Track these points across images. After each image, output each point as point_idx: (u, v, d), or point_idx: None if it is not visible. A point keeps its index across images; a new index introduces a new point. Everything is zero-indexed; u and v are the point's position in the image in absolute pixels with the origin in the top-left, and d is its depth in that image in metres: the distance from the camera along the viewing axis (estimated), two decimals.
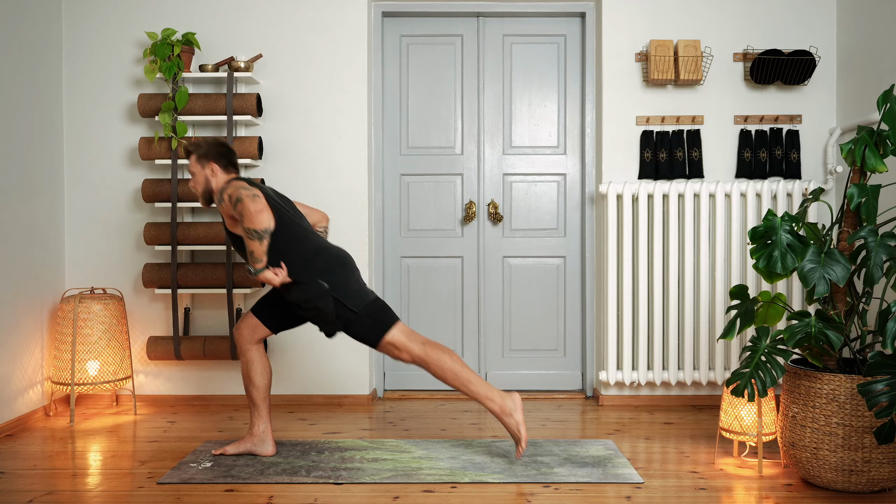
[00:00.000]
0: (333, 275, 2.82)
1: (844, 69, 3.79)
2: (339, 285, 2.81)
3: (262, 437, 2.96)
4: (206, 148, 2.93)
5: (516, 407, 2.82)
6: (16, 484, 2.68)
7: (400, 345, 2.85)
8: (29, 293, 3.57)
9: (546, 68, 4.08)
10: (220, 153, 2.93)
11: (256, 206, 2.66)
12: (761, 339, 2.63)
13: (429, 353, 2.84)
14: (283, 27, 3.88)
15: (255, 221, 2.66)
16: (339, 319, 2.83)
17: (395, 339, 2.85)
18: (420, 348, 2.84)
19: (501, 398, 2.82)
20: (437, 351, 2.85)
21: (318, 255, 2.83)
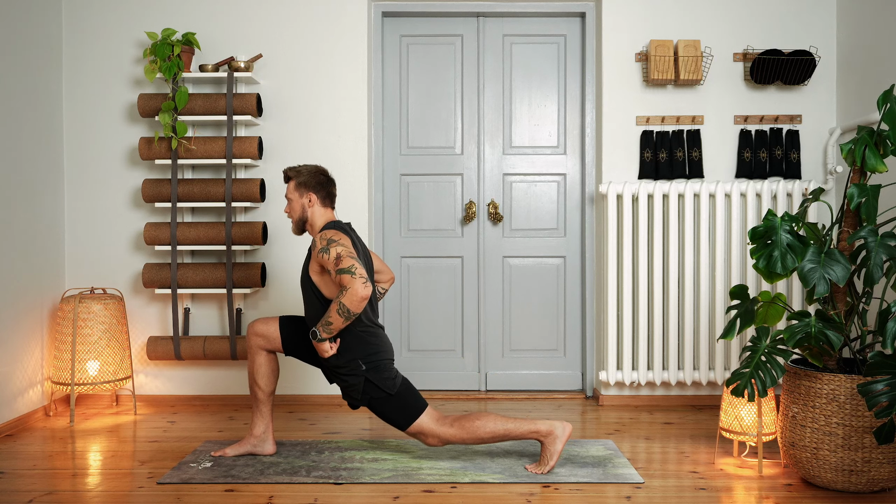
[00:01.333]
0: (374, 358, 2.79)
1: (844, 69, 3.79)
2: (377, 369, 2.79)
3: (262, 438, 2.95)
4: (306, 176, 2.86)
5: (563, 435, 2.76)
6: (16, 484, 2.68)
7: (429, 431, 2.80)
8: (29, 293, 3.57)
9: (546, 68, 4.08)
10: (319, 183, 2.87)
11: (364, 293, 2.59)
12: (761, 339, 2.63)
13: (464, 428, 2.78)
14: (283, 27, 3.88)
15: (355, 306, 2.60)
16: (365, 396, 2.80)
17: (425, 426, 2.80)
18: (449, 431, 2.78)
19: (549, 424, 2.77)
20: (469, 422, 2.79)
21: (369, 339, 2.79)
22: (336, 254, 2.65)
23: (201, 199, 3.72)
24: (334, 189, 2.93)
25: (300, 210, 2.88)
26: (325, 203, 2.89)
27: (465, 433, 2.77)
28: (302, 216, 2.89)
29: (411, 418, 2.79)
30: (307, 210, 2.88)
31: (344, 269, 2.61)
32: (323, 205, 2.89)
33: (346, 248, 2.67)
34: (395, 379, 2.82)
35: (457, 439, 2.79)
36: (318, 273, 2.77)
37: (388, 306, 4.11)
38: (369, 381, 2.77)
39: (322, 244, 2.70)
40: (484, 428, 2.77)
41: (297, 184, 2.87)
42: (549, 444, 2.75)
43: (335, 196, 2.94)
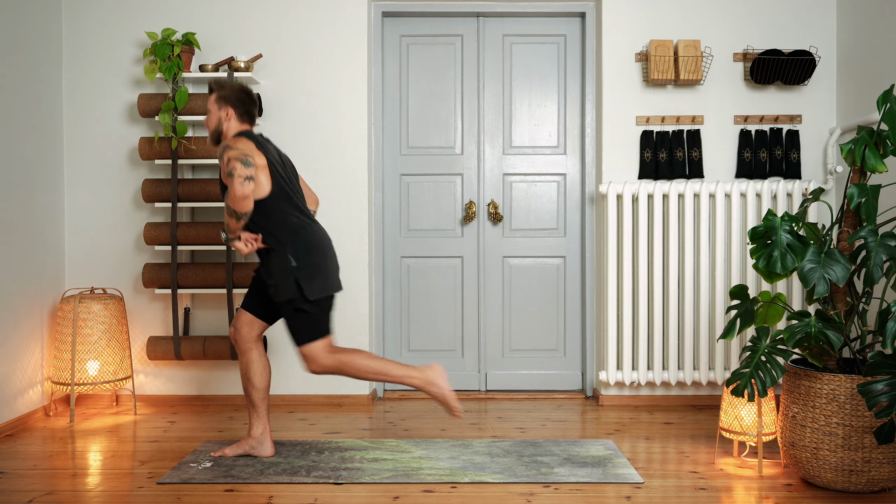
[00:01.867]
0: (304, 255, 2.81)
1: (844, 69, 3.79)
2: (306, 266, 2.80)
3: (259, 439, 2.95)
4: (227, 91, 2.92)
5: (438, 375, 2.89)
6: (16, 484, 2.68)
7: (315, 357, 2.86)
8: (29, 293, 3.57)
9: (546, 68, 4.08)
10: (239, 99, 2.92)
11: (244, 191, 2.67)
12: (761, 339, 2.63)
13: (341, 360, 2.86)
14: (283, 27, 3.88)
15: (238, 205, 2.69)
16: (294, 301, 2.81)
17: (315, 351, 2.85)
18: (331, 359, 2.86)
19: (421, 372, 2.89)
20: (349, 356, 2.88)
21: (298, 232, 2.82)
22: (227, 158, 2.72)
23: (201, 199, 3.72)
24: (254, 108, 2.97)
25: (216, 122, 2.93)
26: (242, 119, 2.93)
27: (342, 367, 2.86)
28: (217, 128, 2.93)
29: (312, 338, 2.86)
30: (223, 123, 2.92)
31: (228, 173, 2.69)
32: (240, 120, 2.93)
33: (238, 150, 2.73)
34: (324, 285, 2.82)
35: (333, 370, 2.86)
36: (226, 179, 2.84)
37: (389, 306, 4.11)
38: (297, 281, 2.78)
39: (220, 151, 2.78)
40: (357, 363, 2.86)
41: (217, 97, 2.92)
42: (433, 391, 2.88)
43: (254, 116, 2.97)
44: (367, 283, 3.89)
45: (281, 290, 2.81)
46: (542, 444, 3.12)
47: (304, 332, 2.86)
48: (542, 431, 3.36)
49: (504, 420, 3.57)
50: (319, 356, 2.86)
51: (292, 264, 2.79)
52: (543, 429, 3.41)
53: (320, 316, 2.87)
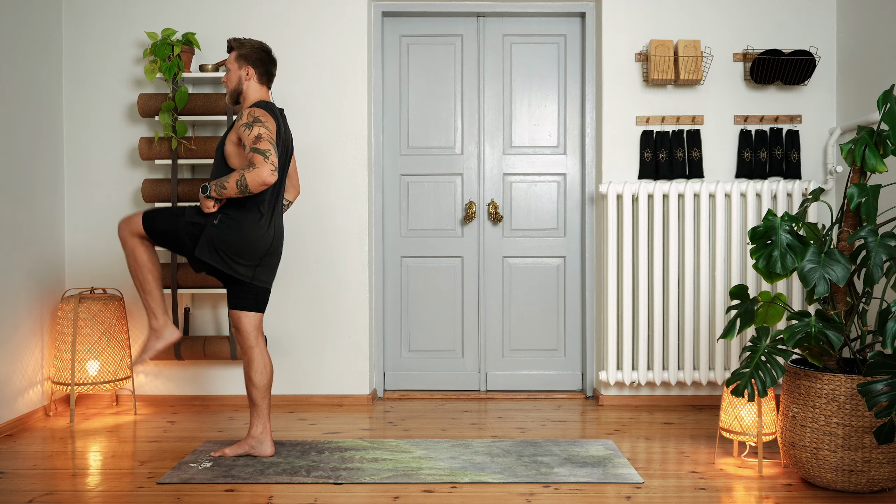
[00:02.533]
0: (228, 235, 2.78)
1: (844, 69, 3.79)
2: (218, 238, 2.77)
3: (260, 439, 2.95)
4: (248, 49, 2.89)
5: (170, 336, 2.88)
6: (16, 484, 2.68)
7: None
8: (29, 293, 3.57)
9: (546, 68, 4.08)
10: (260, 59, 2.90)
11: (269, 179, 2.62)
12: (761, 339, 2.63)
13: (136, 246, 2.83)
14: (283, 27, 3.88)
15: (255, 185, 2.64)
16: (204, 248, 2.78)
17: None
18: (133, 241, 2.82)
19: (165, 322, 2.88)
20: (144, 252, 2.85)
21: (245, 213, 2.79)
22: (258, 133, 2.68)
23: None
24: (274, 69, 2.95)
25: (236, 81, 2.90)
26: (261, 80, 2.92)
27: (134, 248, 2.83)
28: (237, 87, 2.91)
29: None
30: (244, 82, 2.90)
31: (259, 150, 2.64)
32: (259, 81, 2.91)
33: (269, 131, 2.70)
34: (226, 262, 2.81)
35: (127, 245, 2.83)
36: (234, 144, 2.81)
37: (389, 306, 4.11)
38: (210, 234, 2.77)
39: (248, 119, 2.73)
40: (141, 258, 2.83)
41: (238, 55, 2.90)
42: (152, 339, 2.88)
43: (273, 76, 2.96)
44: (367, 283, 3.89)
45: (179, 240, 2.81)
46: (542, 444, 3.12)
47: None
48: (542, 431, 3.36)
49: (504, 420, 3.57)
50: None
51: (212, 221, 2.78)
52: (543, 429, 3.41)
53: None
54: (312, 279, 3.88)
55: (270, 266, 2.95)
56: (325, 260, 3.88)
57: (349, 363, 3.90)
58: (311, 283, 3.88)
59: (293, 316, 3.88)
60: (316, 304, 3.88)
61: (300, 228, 3.86)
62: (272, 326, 3.86)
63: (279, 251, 2.96)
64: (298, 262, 3.87)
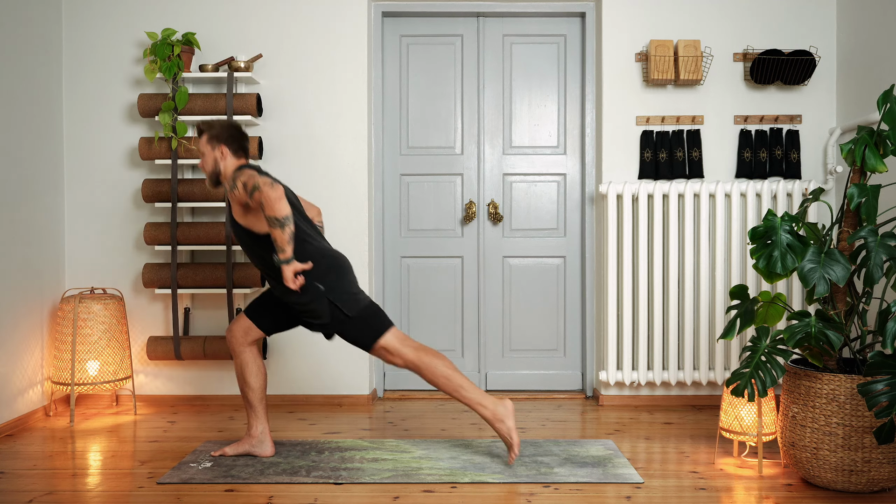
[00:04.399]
0: (330, 278, 2.81)
1: (844, 69, 3.79)
2: (335, 289, 2.81)
3: (260, 438, 2.96)
4: (218, 129, 2.90)
5: (508, 413, 2.82)
6: (16, 484, 2.68)
7: (393, 349, 2.85)
8: (29, 293, 3.57)
9: (546, 68, 4.08)
10: (231, 136, 2.90)
11: (276, 193, 2.63)
12: (761, 339, 2.63)
13: (422, 358, 2.84)
14: (282, 27, 3.88)
15: (276, 209, 2.63)
16: (335, 321, 2.83)
17: (389, 343, 2.85)
18: (413, 353, 2.84)
19: (493, 404, 2.82)
20: (430, 356, 2.85)
21: (318, 258, 2.82)
22: (241, 183, 2.71)
23: (201, 199, 3.72)
24: (247, 143, 2.95)
25: (212, 163, 2.90)
26: (237, 155, 2.91)
27: (424, 366, 2.83)
28: (215, 169, 2.91)
29: (376, 336, 2.85)
30: (219, 163, 2.90)
31: (251, 189, 2.66)
32: (236, 156, 2.91)
33: (246, 174, 2.72)
34: (356, 296, 2.85)
35: (416, 367, 2.84)
36: (241, 215, 2.81)
37: (389, 306, 4.11)
38: (332, 304, 2.80)
39: (229, 184, 2.77)
40: (439, 368, 2.83)
41: (209, 137, 2.90)
42: (499, 426, 2.81)
43: (248, 150, 2.96)
44: (367, 283, 3.89)
45: (320, 315, 2.81)
46: (543, 444, 3.12)
47: (365, 336, 2.85)
48: (542, 431, 3.36)
49: None
50: (397, 348, 2.85)
51: (321, 290, 2.79)
52: (543, 429, 3.41)
53: (369, 318, 2.86)
54: None
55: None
56: None
57: (349, 363, 3.90)
58: None
59: None
60: None
61: None
62: None
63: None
64: None
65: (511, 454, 2.82)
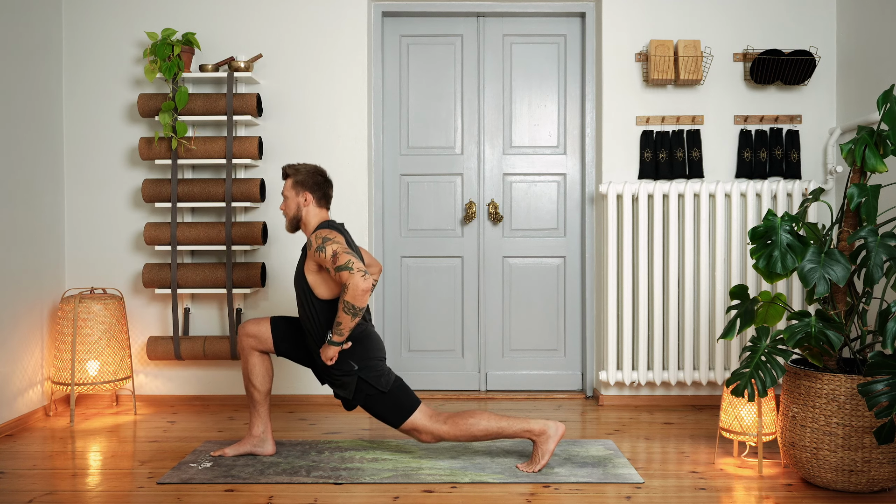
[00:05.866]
0: (365, 358, 2.81)
1: (844, 69, 3.79)
2: (369, 368, 2.80)
3: (261, 438, 2.96)
4: (304, 175, 2.88)
5: (556, 435, 2.77)
6: (16, 484, 2.68)
7: (423, 428, 2.81)
8: (29, 293, 3.57)
9: (546, 68, 4.08)
10: (316, 183, 2.88)
11: (365, 285, 2.60)
12: (761, 339, 2.63)
13: (457, 425, 2.79)
14: (283, 27, 3.88)
15: (359, 300, 2.61)
16: (360, 395, 2.81)
17: (419, 422, 2.81)
18: (445, 428, 2.80)
19: (543, 424, 2.78)
20: (463, 420, 2.80)
21: (361, 338, 2.81)
22: (332, 251, 2.67)
23: (201, 199, 3.72)
24: (331, 190, 2.94)
25: (295, 208, 2.90)
26: (320, 203, 2.91)
27: (459, 430, 2.79)
28: (297, 215, 2.90)
29: (405, 415, 2.81)
30: (302, 209, 2.89)
31: (341, 266, 2.63)
32: (318, 205, 2.90)
33: (341, 245, 2.69)
34: (387, 376, 2.84)
35: (450, 436, 2.80)
36: (313, 272, 2.78)
37: (389, 306, 4.11)
38: (362, 379, 2.79)
39: (318, 243, 2.71)
40: (477, 426, 2.79)
41: (294, 182, 2.89)
42: (542, 444, 2.77)
43: (331, 197, 2.95)
44: None
45: (346, 388, 2.81)
46: None
47: (394, 414, 2.82)
48: None
49: None
50: (426, 426, 2.81)
51: (354, 368, 2.78)
52: None
53: (398, 394, 2.82)
54: None
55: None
56: None
57: None
58: None
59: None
60: None
61: None
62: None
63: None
64: None
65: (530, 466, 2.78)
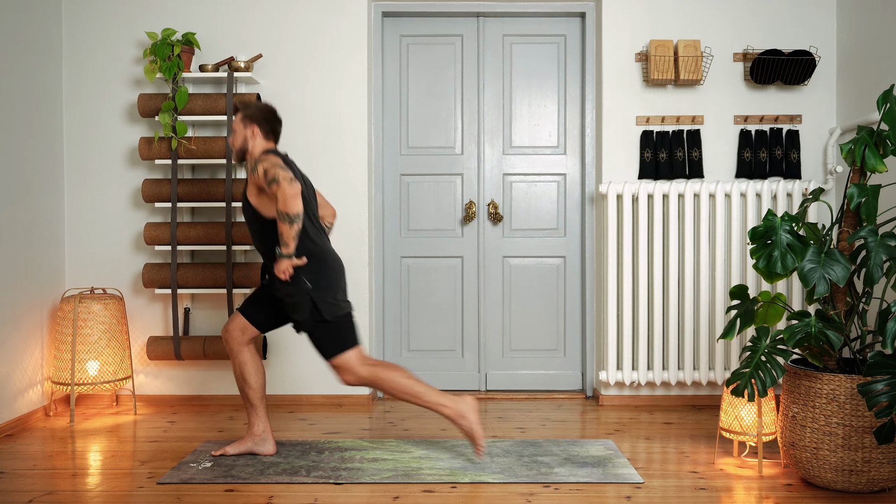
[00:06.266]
0: (319, 278, 2.83)
1: (844, 69, 3.79)
2: (320, 289, 2.83)
3: (262, 437, 2.96)
4: (253, 110, 2.98)
5: (470, 409, 2.86)
6: (16, 484, 2.68)
7: (349, 368, 2.87)
8: (29, 293, 3.57)
9: (546, 68, 4.08)
10: (265, 118, 2.98)
11: (293, 190, 2.68)
12: (761, 339, 2.63)
13: (377, 374, 2.87)
14: (283, 27, 3.88)
15: (290, 206, 2.68)
16: (309, 320, 2.85)
17: (348, 360, 2.87)
18: (367, 370, 2.87)
19: (454, 402, 2.86)
20: (386, 371, 2.87)
21: (313, 257, 2.84)
22: (263, 169, 2.76)
23: (201, 199, 3.72)
24: (279, 127, 3.02)
25: (242, 141, 2.98)
26: (267, 137, 2.99)
27: (377, 379, 2.87)
28: (243, 146, 2.98)
29: (339, 350, 2.87)
30: (249, 141, 2.97)
31: (271, 179, 2.71)
32: (265, 138, 2.98)
33: (270, 162, 2.78)
34: (340, 308, 2.87)
35: (369, 382, 2.87)
36: (255, 196, 2.86)
37: (389, 306, 4.11)
38: (314, 301, 2.82)
39: (252, 165, 2.84)
40: (394, 380, 2.86)
41: (243, 115, 2.99)
42: (463, 424, 2.84)
43: (279, 133, 3.03)
44: (367, 283, 3.89)
45: (299, 309, 2.83)
46: (542, 444, 3.12)
47: (330, 345, 2.87)
48: (542, 431, 3.37)
49: (504, 420, 3.57)
50: (353, 367, 2.86)
51: (307, 286, 2.81)
52: (543, 429, 3.41)
53: (341, 328, 2.88)
54: None
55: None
56: None
57: None
58: None
59: None
60: None
61: None
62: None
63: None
64: None
65: (476, 448, 2.85)
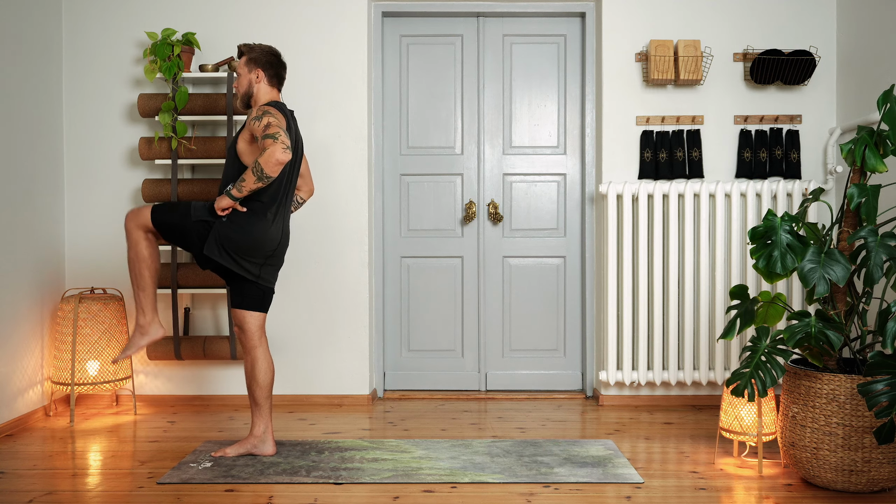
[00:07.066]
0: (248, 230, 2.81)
1: (844, 69, 3.79)
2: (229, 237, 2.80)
3: (262, 438, 2.96)
4: (258, 53, 2.95)
5: (150, 335, 2.90)
6: (16, 484, 2.68)
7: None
8: (29, 293, 3.57)
9: (546, 68, 4.08)
10: (269, 62, 2.96)
11: (283, 157, 2.65)
12: (761, 339, 2.63)
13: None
14: (283, 27, 3.88)
15: (270, 167, 2.66)
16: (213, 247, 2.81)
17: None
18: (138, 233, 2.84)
19: (153, 318, 2.90)
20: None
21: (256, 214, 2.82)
22: (267, 122, 2.73)
23: (201, 199, 3.71)
24: (283, 72, 3.00)
25: (247, 85, 2.96)
26: (271, 82, 2.97)
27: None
28: (248, 91, 2.96)
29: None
30: (254, 85, 2.95)
31: (269, 135, 2.68)
32: (269, 83, 2.97)
33: (277, 121, 2.75)
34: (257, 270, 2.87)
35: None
36: (246, 141, 2.84)
37: (389, 306, 4.11)
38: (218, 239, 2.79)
39: (258, 113, 2.79)
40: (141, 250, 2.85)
41: (248, 59, 2.96)
42: (137, 335, 2.90)
43: (283, 79, 3.02)
44: (367, 283, 3.89)
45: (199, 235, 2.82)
46: (542, 444, 3.12)
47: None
48: (542, 431, 3.37)
49: (504, 420, 3.57)
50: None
51: (222, 220, 2.80)
52: (543, 429, 3.41)
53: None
54: (312, 279, 3.88)
55: (275, 266, 2.97)
56: (325, 260, 3.88)
57: (349, 363, 3.90)
58: (311, 283, 3.88)
59: (293, 316, 3.89)
60: (316, 304, 3.88)
61: (300, 228, 3.87)
62: (272, 326, 3.86)
63: (284, 252, 2.99)
64: (299, 262, 3.87)
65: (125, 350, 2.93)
